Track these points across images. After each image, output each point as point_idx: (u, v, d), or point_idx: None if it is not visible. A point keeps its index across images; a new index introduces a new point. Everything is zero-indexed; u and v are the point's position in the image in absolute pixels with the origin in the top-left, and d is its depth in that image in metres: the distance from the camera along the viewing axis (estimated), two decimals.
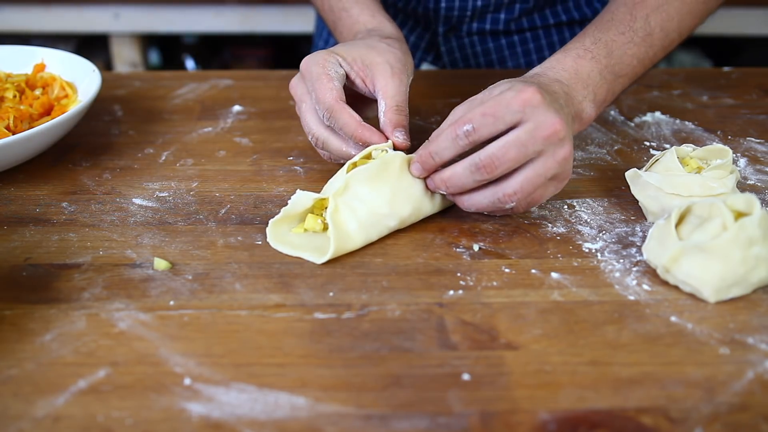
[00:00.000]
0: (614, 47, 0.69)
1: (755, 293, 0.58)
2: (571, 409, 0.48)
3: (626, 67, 0.70)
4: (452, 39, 1.04)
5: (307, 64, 0.70)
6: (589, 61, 0.68)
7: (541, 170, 0.60)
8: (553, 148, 0.60)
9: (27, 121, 0.77)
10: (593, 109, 0.67)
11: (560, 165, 0.61)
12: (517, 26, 1.03)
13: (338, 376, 0.50)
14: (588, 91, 0.66)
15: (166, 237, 0.65)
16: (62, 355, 0.52)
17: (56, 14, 1.91)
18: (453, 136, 0.61)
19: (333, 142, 0.69)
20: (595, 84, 0.67)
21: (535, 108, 0.59)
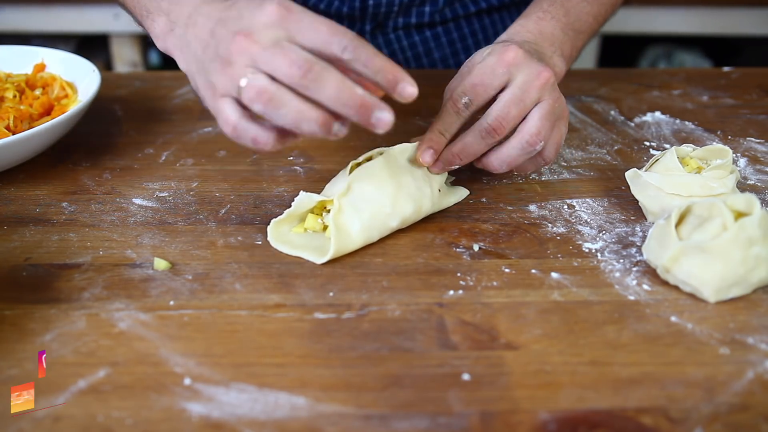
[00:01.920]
0: (570, 6, 0.75)
1: (755, 293, 0.58)
2: (571, 409, 0.48)
3: (584, 24, 0.76)
4: (378, 36, 1.05)
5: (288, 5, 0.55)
6: (550, 21, 0.73)
7: (547, 108, 0.65)
8: (549, 92, 0.65)
9: (27, 121, 0.77)
10: (563, 63, 0.72)
11: (560, 105, 0.66)
12: (441, 17, 1.04)
13: (338, 376, 0.50)
14: (555, 47, 0.71)
15: (166, 237, 0.65)
16: (62, 355, 0.52)
17: (56, 14, 1.91)
18: (455, 110, 0.65)
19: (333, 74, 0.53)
20: (560, 40, 0.72)
21: (519, 65, 0.64)
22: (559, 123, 0.67)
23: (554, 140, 0.67)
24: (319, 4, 1.02)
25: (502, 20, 1.09)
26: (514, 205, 0.70)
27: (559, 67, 0.70)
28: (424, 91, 0.95)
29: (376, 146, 0.74)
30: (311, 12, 0.55)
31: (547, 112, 0.65)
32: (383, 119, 0.54)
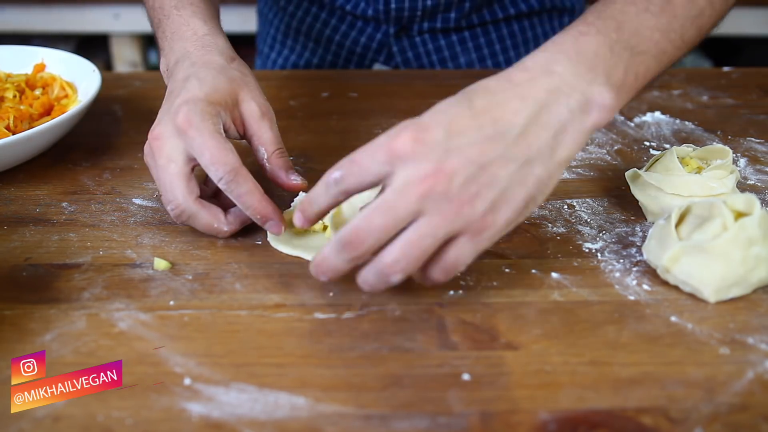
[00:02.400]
0: (625, 18, 0.56)
1: (755, 293, 0.58)
2: (571, 409, 0.48)
3: (646, 41, 0.56)
4: (403, 39, 1.05)
5: (188, 118, 0.59)
6: (594, 36, 0.55)
7: (424, 230, 0.49)
8: (436, 204, 0.49)
9: (27, 121, 0.77)
10: (610, 93, 0.53)
11: (454, 221, 0.49)
12: (467, 22, 1.03)
13: (338, 376, 0.50)
14: (596, 73, 0.53)
15: (166, 237, 0.65)
16: (62, 355, 0.52)
17: (56, 14, 1.91)
18: (325, 182, 0.53)
19: (202, 218, 0.61)
20: (606, 62, 0.54)
21: (404, 160, 0.49)
22: (459, 243, 0.51)
23: (444, 265, 0.51)
24: (346, 4, 1.03)
25: (531, 27, 1.07)
26: None
27: (600, 99, 0.53)
28: (425, 91, 0.95)
29: None
30: (209, 128, 0.60)
31: (422, 235, 0.49)
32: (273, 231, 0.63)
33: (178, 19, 0.71)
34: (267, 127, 0.64)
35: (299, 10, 1.08)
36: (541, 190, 0.52)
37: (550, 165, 0.52)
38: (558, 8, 1.10)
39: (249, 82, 0.66)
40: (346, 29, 1.06)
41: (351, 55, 1.08)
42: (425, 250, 0.50)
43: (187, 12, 0.71)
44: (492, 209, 0.50)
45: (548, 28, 1.10)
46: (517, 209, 0.51)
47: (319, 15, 1.07)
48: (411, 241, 0.50)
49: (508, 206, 0.51)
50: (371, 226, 0.49)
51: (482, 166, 0.49)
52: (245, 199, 0.60)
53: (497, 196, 0.50)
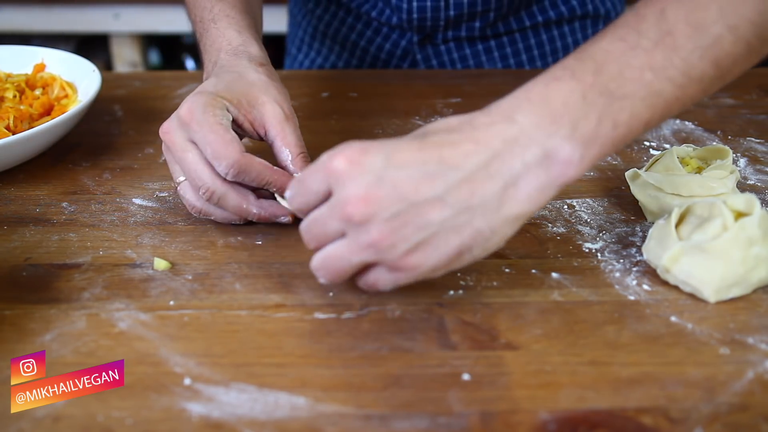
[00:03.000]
0: (607, 59, 0.50)
1: (755, 293, 0.58)
2: (571, 409, 0.48)
3: (631, 83, 0.49)
4: (428, 47, 1.04)
5: (191, 109, 0.61)
6: (567, 81, 0.49)
7: (341, 251, 0.50)
8: (354, 231, 0.48)
9: (27, 121, 0.77)
10: (573, 147, 0.48)
11: (368, 252, 0.48)
12: (493, 31, 1.02)
13: (338, 376, 0.50)
14: (560, 124, 0.48)
15: (166, 237, 0.65)
16: (62, 355, 0.52)
17: (56, 14, 1.91)
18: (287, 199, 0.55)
19: (232, 198, 0.61)
20: (575, 112, 0.48)
21: (338, 179, 0.48)
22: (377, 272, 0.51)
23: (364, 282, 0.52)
24: (372, 11, 1.02)
25: (561, 36, 1.05)
26: None
27: (562, 154, 0.48)
28: (425, 91, 0.95)
29: None
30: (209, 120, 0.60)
31: (339, 256, 0.50)
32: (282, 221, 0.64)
33: (215, 31, 0.72)
34: (291, 130, 0.64)
35: (327, 14, 1.08)
36: (479, 242, 0.49)
37: (494, 219, 0.48)
38: (590, 15, 1.05)
39: (274, 86, 0.66)
40: (371, 35, 1.05)
41: (375, 61, 1.07)
42: (340, 269, 0.51)
43: (223, 24, 0.72)
44: (414, 251, 0.48)
45: (580, 36, 1.06)
46: (445, 257, 0.49)
47: (346, 19, 1.06)
48: (328, 256, 0.51)
49: (436, 252, 0.48)
50: (308, 234, 0.52)
51: (413, 204, 0.47)
52: (261, 179, 0.61)
53: (423, 239, 0.48)
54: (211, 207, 0.63)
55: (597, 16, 1.07)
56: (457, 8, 0.96)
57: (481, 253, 0.50)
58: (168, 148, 0.63)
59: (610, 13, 1.08)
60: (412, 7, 0.96)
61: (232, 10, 0.74)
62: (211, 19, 0.74)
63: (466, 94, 0.94)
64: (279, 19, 1.79)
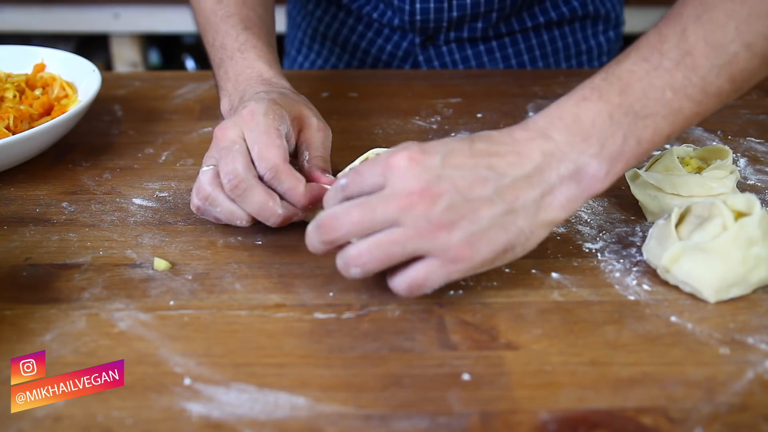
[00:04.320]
0: (632, 80, 0.54)
1: (755, 293, 0.58)
2: (571, 409, 0.48)
3: (654, 103, 0.53)
4: (430, 48, 1.04)
5: (254, 111, 0.63)
6: (596, 101, 0.54)
7: (395, 237, 0.51)
8: (414, 219, 0.50)
9: (27, 121, 0.77)
10: (599, 166, 0.53)
11: (425, 240, 0.51)
12: (495, 32, 1.02)
13: (338, 376, 0.50)
14: (590, 143, 0.53)
15: (166, 237, 0.65)
16: (62, 355, 0.52)
17: (56, 14, 1.91)
18: (334, 188, 0.56)
19: (258, 194, 0.61)
20: (603, 131, 0.53)
21: (395, 174, 0.51)
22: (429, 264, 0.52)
23: (408, 279, 0.53)
24: (373, 12, 1.02)
25: (562, 36, 1.05)
26: None
27: (589, 171, 0.53)
28: (425, 91, 0.95)
29: (376, 146, 0.74)
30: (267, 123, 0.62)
31: (392, 242, 0.51)
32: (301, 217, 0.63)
33: (242, 61, 0.73)
34: (320, 137, 0.67)
35: (327, 15, 1.08)
36: (521, 242, 0.53)
37: (533, 222, 0.53)
38: (590, 16, 1.06)
39: (312, 108, 0.69)
40: (372, 36, 1.05)
41: (377, 63, 1.07)
42: (390, 255, 0.52)
43: (252, 55, 0.73)
44: (469, 243, 0.51)
45: (580, 36, 1.06)
46: (495, 251, 0.52)
47: (346, 21, 1.06)
48: (379, 241, 0.52)
49: (487, 246, 0.52)
50: (346, 217, 0.52)
51: (468, 200, 0.51)
52: (288, 195, 0.62)
53: (477, 232, 0.51)
54: (219, 197, 0.62)
55: (597, 17, 1.06)
56: (459, 9, 0.96)
57: (520, 252, 0.54)
58: (215, 143, 0.64)
59: (609, 13, 1.08)
60: (414, 9, 0.96)
61: (259, 42, 0.75)
62: (237, 48, 0.74)
63: (466, 94, 0.94)
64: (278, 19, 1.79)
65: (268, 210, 0.61)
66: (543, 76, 1.00)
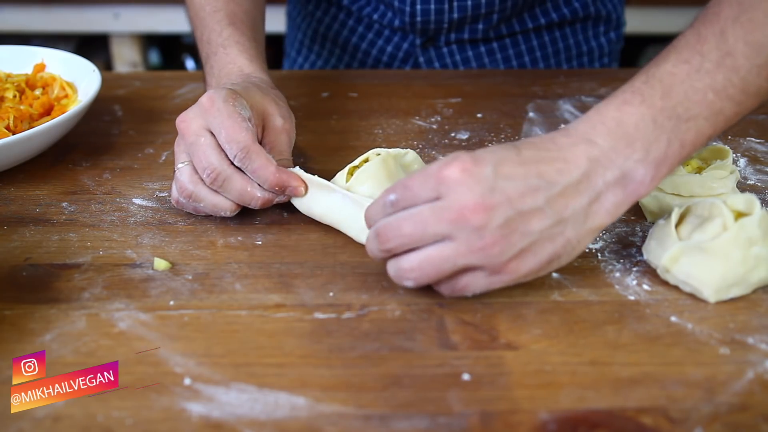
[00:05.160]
0: (673, 82, 0.54)
1: (755, 293, 0.58)
2: (571, 409, 0.48)
3: (697, 106, 0.54)
4: (430, 49, 1.03)
5: (213, 99, 0.64)
6: (638, 106, 0.54)
7: (447, 253, 0.52)
8: (466, 235, 0.51)
9: (27, 121, 0.77)
10: (648, 171, 0.53)
11: (477, 256, 0.51)
12: (496, 33, 1.01)
13: (338, 376, 0.50)
14: (634, 148, 0.53)
15: (166, 237, 0.65)
16: (62, 355, 0.52)
17: (56, 14, 1.91)
18: (381, 203, 0.55)
19: (236, 182, 0.63)
20: (647, 136, 0.53)
21: (450, 186, 0.51)
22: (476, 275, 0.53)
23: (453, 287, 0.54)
24: (373, 13, 1.02)
25: (563, 37, 1.04)
26: None
27: (636, 177, 0.53)
28: (425, 91, 0.95)
29: (376, 146, 0.74)
30: (228, 109, 0.63)
31: (443, 257, 0.52)
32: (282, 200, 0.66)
33: (224, 57, 0.75)
34: (284, 140, 0.68)
35: (327, 16, 1.08)
36: (567, 251, 0.54)
37: (581, 230, 0.53)
38: (591, 17, 1.05)
39: (281, 104, 0.70)
40: (372, 37, 1.05)
41: (377, 64, 1.07)
42: (441, 271, 0.53)
43: (234, 51, 0.75)
44: (516, 257, 0.52)
45: (581, 38, 1.06)
46: (540, 263, 0.53)
47: (347, 22, 1.06)
48: (430, 258, 0.52)
49: (534, 259, 0.53)
50: (400, 230, 0.53)
51: (520, 213, 0.51)
52: (259, 173, 0.63)
53: (526, 246, 0.52)
54: (202, 192, 0.64)
55: (598, 18, 1.06)
56: (460, 11, 0.96)
57: (565, 261, 0.54)
58: (181, 136, 0.65)
59: (611, 14, 1.07)
60: (415, 10, 0.96)
61: (242, 37, 0.76)
62: (220, 44, 0.75)
63: (466, 94, 0.94)
64: (277, 19, 1.79)
65: (248, 195, 0.64)
66: (543, 75, 1.00)
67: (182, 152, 0.66)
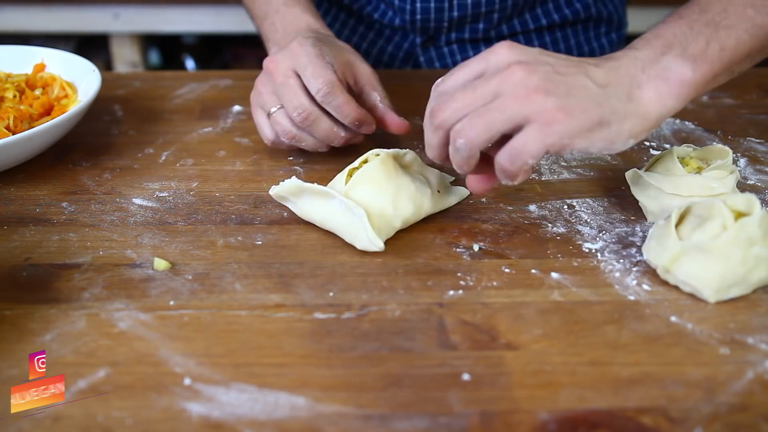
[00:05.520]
0: (711, 3, 0.59)
1: (755, 293, 0.58)
2: (571, 409, 0.48)
3: (734, 17, 0.58)
4: (431, 49, 1.03)
5: (302, 43, 0.70)
6: (675, 21, 0.59)
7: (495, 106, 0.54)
8: (512, 88, 0.54)
9: (27, 121, 0.77)
10: (684, 63, 0.56)
11: (523, 103, 0.53)
12: (496, 33, 1.01)
13: (338, 376, 0.50)
14: (672, 47, 0.57)
15: (166, 237, 0.65)
16: (62, 355, 0.52)
17: (56, 14, 1.91)
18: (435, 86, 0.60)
19: (324, 122, 0.69)
20: (684, 37, 0.57)
21: (497, 54, 0.56)
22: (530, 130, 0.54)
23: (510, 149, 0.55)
24: (374, 13, 1.02)
25: (564, 38, 1.04)
26: (514, 205, 0.70)
27: (673, 69, 0.56)
28: (425, 91, 0.95)
29: (375, 146, 0.74)
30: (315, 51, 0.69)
31: (488, 109, 0.54)
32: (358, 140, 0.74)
33: (289, 14, 0.79)
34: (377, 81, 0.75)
35: (328, 16, 1.08)
36: (616, 120, 0.55)
37: (626, 107, 0.56)
38: (593, 18, 1.05)
39: (358, 54, 0.76)
40: (373, 37, 1.05)
41: (378, 64, 1.07)
42: (490, 123, 0.54)
43: (298, 9, 0.80)
44: (564, 107, 0.54)
45: (582, 39, 1.06)
46: (590, 120, 0.55)
47: (347, 22, 1.06)
48: (479, 111, 0.55)
49: (582, 113, 0.54)
50: (451, 99, 0.56)
51: (563, 75, 0.55)
52: (343, 109, 0.69)
53: (572, 99, 0.54)
54: (303, 132, 0.70)
55: (600, 19, 1.06)
56: (460, 9, 0.96)
57: (614, 133, 0.56)
58: (269, 77, 0.70)
59: (612, 15, 1.07)
60: (415, 8, 0.96)
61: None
62: (282, 3, 0.80)
63: None
64: None
65: (333, 133, 0.70)
66: None
67: (270, 94, 0.71)
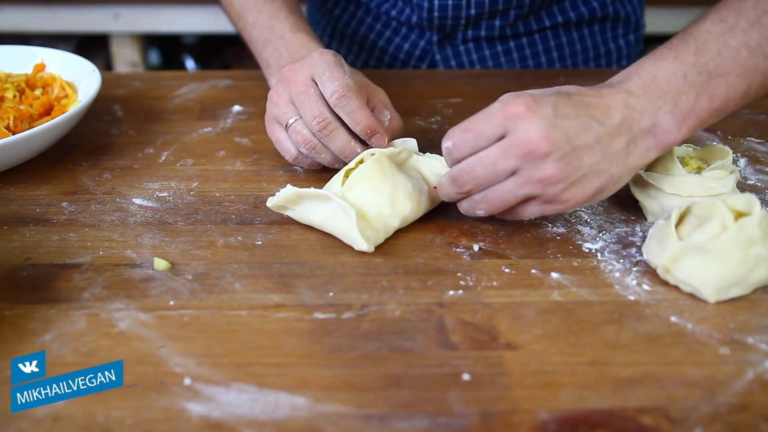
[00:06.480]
0: (708, 39, 0.59)
1: (755, 293, 0.58)
2: (571, 409, 0.48)
3: (728, 62, 0.58)
4: (447, 47, 1.03)
5: (323, 53, 0.69)
6: (672, 61, 0.59)
7: (510, 185, 0.58)
8: (529, 167, 0.57)
9: (27, 121, 0.77)
10: (673, 122, 0.58)
11: (536, 186, 0.57)
12: (512, 31, 1.01)
13: (338, 376, 0.50)
14: (665, 100, 0.58)
15: (166, 237, 0.65)
16: (62, 355, 0.52)
17: (56, 14, 1.91)
18: (445, 150, 0.61)
19: (341, 133, 0.68)
20: (677, 90, 0.58)
21: (517, 122, 0.56)
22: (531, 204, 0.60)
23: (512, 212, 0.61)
24: (391, 10, 1.02)
25: (581, 39, 1.03)
26: None
27: (663, 126, 0.58)
28: (425, 91, 0.95)
29: None
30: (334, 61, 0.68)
31: (507, 190, 0.58)
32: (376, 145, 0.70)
33: (296, 41, 0.79)
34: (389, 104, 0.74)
35: (345, 14, 1.08)
36: (610, 186, 0.59)
37: (622, 167, 0.59)
38: (610, 18, 1.04)
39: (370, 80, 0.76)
40: (390, 35, 1.05)
41: (394, 61, 1.07)
42: (506, 202, 0.59)
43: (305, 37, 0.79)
44: (569, 188, 0.57)
45: (599, 39, 1.05)
46: (587, 196, 0.58)
47: (365, 19, 1.06)
48: (497, 193, 0.59)
49: (583, 190, 0.58)
50: (474, 173, 0.59)
51: (575, 149, 0.56)
52: (356, 114, 0.67)
53: (577, 179, 0.57)
54: (320, 144, 0.69)
55: (617, 19, 1.05)
56: (477, 6, 0.96)
57: (606, 195, 0.60)
58: (287, 85, 0.69)
59: (630, 16, 1.06)
60: (432, 5, 0.96)
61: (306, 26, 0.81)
62: (288, 29, 0.80)
63: (466, 94, 0.94)
64: None
65: (349, 148, 0.68)
66: (543, 76, 1.00)
67: (287, 104, 0.69)
